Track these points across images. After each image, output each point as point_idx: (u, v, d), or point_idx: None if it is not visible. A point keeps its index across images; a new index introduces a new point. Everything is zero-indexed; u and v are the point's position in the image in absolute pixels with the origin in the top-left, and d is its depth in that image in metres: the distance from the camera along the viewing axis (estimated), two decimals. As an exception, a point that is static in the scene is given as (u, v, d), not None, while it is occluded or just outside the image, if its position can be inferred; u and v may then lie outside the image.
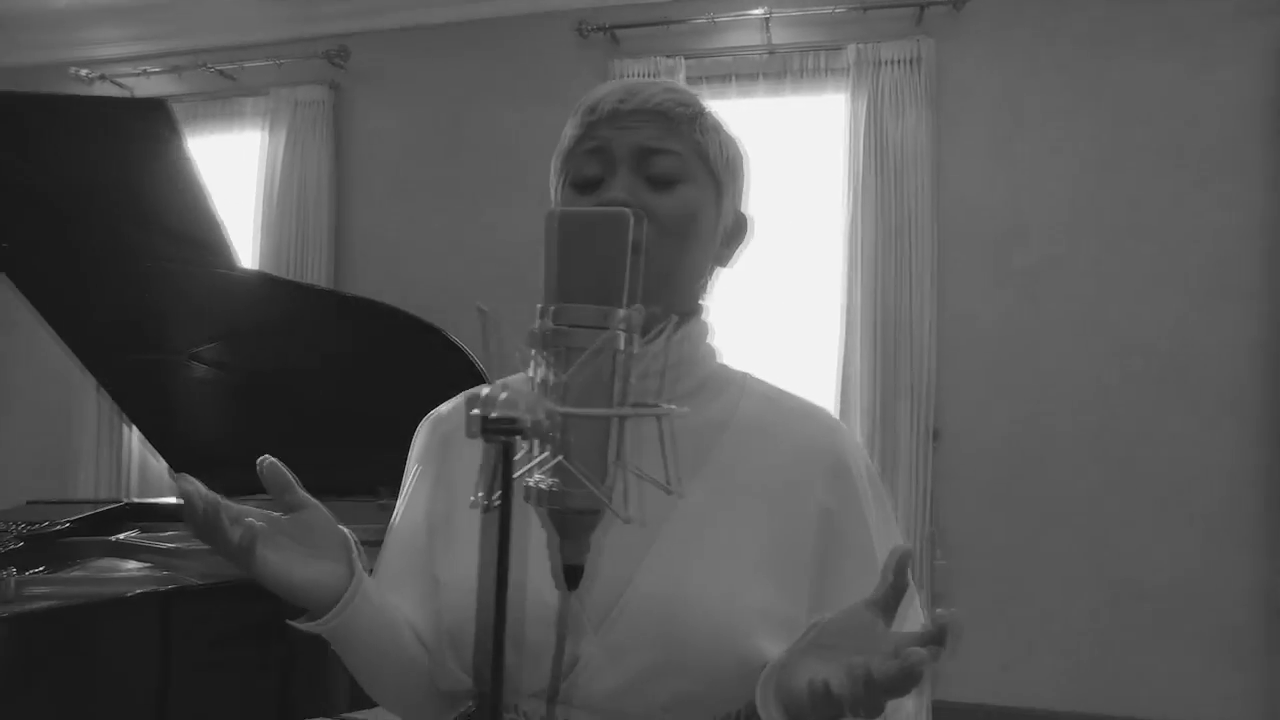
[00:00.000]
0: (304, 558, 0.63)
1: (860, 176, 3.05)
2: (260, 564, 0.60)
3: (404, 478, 0.80)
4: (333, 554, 0.65)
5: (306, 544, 0.64)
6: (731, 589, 0.65)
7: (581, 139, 0.72)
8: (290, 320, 2.01)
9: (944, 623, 0.52)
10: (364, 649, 0.69)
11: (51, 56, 4.02)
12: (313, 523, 0.65)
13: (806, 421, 0.74)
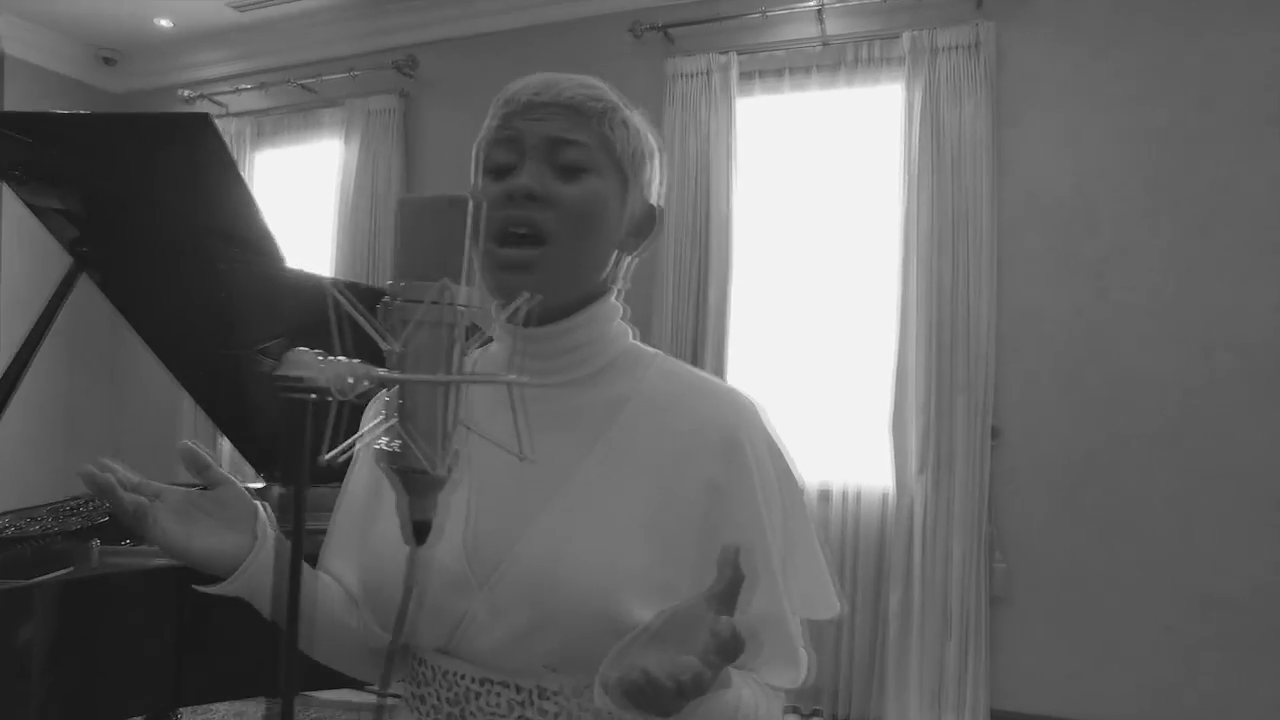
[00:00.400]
0: (212, 529, 0.70)
1: (916, 167, 2.97)
2: (156, 532, 0.68)
3: None
4: (242, 526, 0.72)
5: (218, 517, 0.71)
6: (608, 553, 0.68)
7: (498, 128, 0.75)
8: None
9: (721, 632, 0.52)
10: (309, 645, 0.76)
11: (163, 81, 4.40)
12: (225, 498, 0.72)
13: (705, 399, 0.75)
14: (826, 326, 3.19)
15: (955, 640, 2.88)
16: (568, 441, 0.73)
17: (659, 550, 0.68)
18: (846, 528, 3.09)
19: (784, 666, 0.73)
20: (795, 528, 0.76)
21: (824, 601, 0.79)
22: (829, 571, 0.80)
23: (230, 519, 0.72)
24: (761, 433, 0.75)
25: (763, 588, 0.70)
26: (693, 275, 3.26)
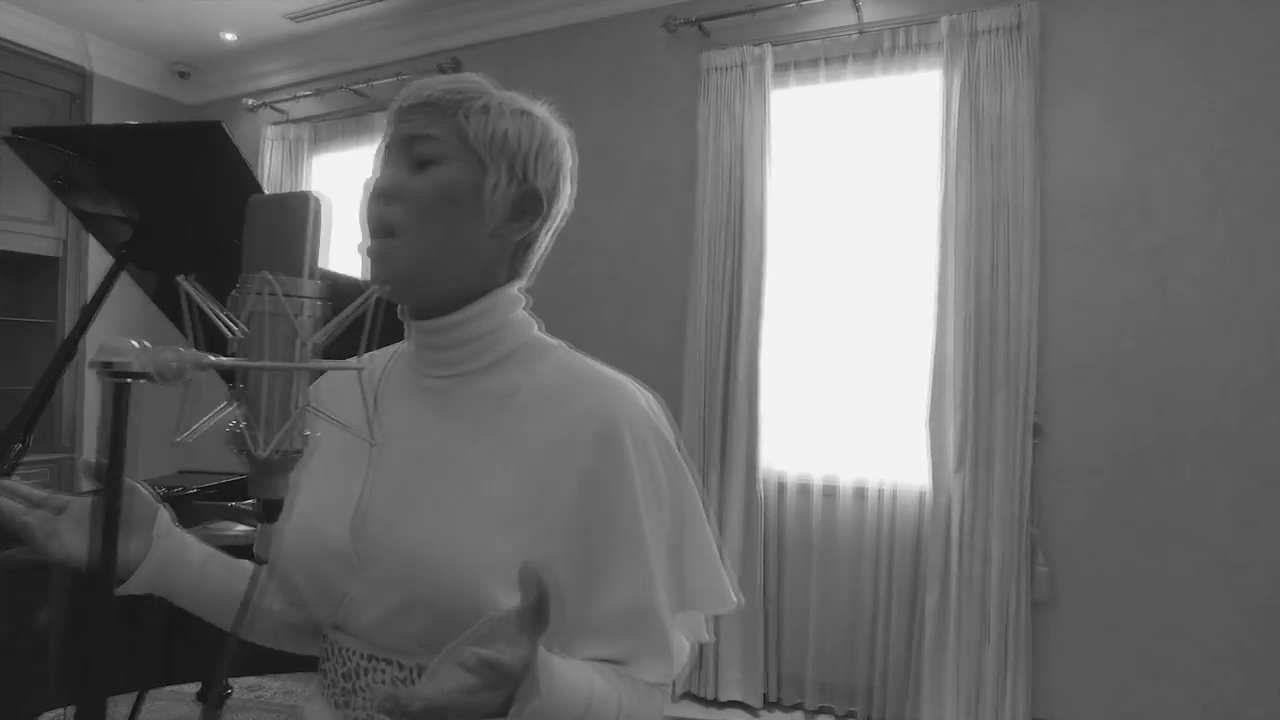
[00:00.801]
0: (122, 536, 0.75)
1: (954, 156, 2.87)
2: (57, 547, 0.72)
3: None
4: (142, 530, 0.76)
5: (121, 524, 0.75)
6: (478, 539, 0.69)
7: (383, 137, 0.79)
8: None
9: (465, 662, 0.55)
10: (196, 603, 0.80)
11: (231, 91, 4.64)
12: (126, 505, 0.74)
13: (590, 390, 0.76)
14: (862, 320, 3.13)
15: (994, 645, 2.78)
16: (457, 431, 0.75)
17: (530, 539, 0.69)
18: (882, 526, 3.02)
19: (654, 660, 0.72)
20: (687, 523, 0.76)
21: (719, 596, 0.78)
22: (724, 566, 0.79)
23: (130, 524, 0.75)
24: (648, 426, 0.75)
25: (630, 579, 0.71)
26: (726, 270, 3.24)
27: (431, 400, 0.78)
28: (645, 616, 0.72)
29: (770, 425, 3.24)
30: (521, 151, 0.77)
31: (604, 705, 0.68)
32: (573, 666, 0.67)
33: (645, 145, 3.54)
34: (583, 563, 0.71)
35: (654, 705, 0.74)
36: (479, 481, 0.72)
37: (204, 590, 0.80)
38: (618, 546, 0.71)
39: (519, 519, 0.70)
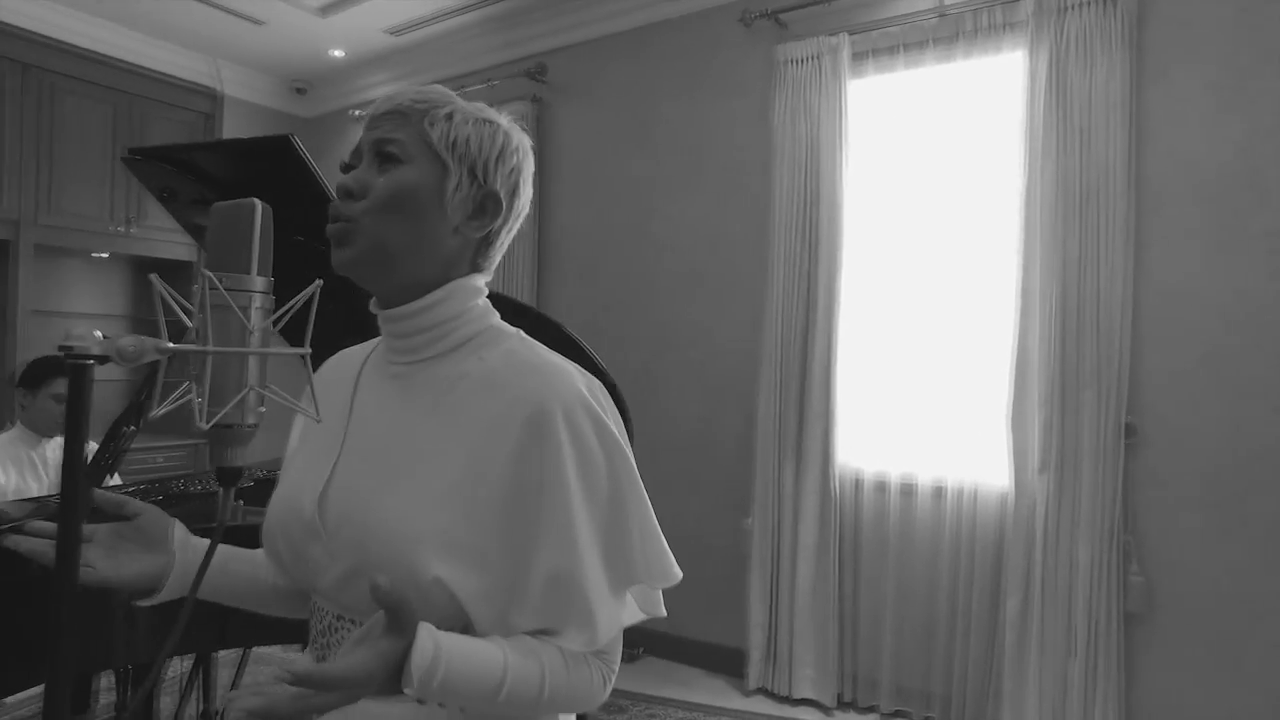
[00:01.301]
0: (136, 555, 0.82)
1: (1039, 140, 2.73)
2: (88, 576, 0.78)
3: None
4: (161, 545, 0.84)
5: (140, 541, 0.83)
6: (414, 512, 0.75)
7: (356, 143, 0.86)
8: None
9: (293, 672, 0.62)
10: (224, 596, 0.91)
11: (341, 104, 4.98)
12: (144, 524, 0.83)
13: (529, 376, 0.80)
14: (941, 314, 3.02)
15: (1081, 656, 2.63)
16: (413, 413, 0.82)
17: (462, 513, 0.75)
18: (961, 526, 2.91)
19: (578, 628, 0.76)
20: (626, 500, 0.79)
21: (661, 569, 0.81)
22: (664, 542, 0.82)
23: (151, 541, 0.84)
24: (582, 407, 0.78)
25: (554, 548, 0.75)
26: (802, 264, 3.20)
27: (396, 385, 0.85)
28: (569, 584, 0.75)
29: (846, 421, 3.18)
30: (483, 156, 0.83)
31: (522, 677, 0.73)
32: (481, 647, 0.72)
33: (721, 140, 3.55)
34: (511, 534, 0.75)
35: (585, 675, 0.78)
36: (424, 459, 0.78)
37: (228, 585, 0.91)
38: (543, 518, 0.75)
39: (452, 495, 0.76)
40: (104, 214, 4.33)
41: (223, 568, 0.91)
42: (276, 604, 0.94)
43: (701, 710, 3.09)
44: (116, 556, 0.82)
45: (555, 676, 0.75)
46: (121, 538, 0.83)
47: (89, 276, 4.62)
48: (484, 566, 0.75)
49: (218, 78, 4.76)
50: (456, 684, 0.70)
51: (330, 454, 0.84)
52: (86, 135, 4.25)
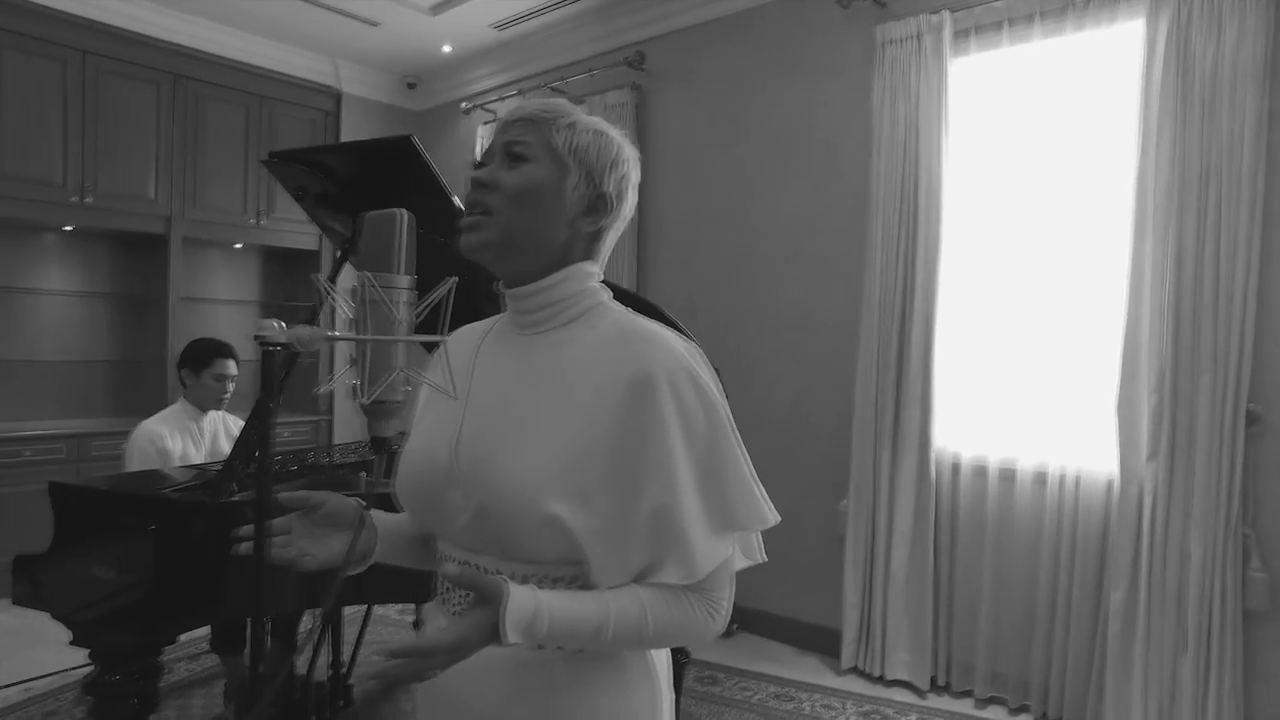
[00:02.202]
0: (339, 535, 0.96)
1: (1156, 115, 2.61)
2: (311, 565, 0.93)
3: None
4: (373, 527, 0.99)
5: (336, 524, 0.96)
6: (535, 459, 0.86)
7: (487, 144, 0.99)
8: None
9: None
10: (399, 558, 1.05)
11: (450, 97, 5.22)
12: (331, 511, 0.96)
13: (633, 342, 0.90)
14: (1045, 296, 2.94)
15: (1192, 653, 2.55)
16: (529, 376, 0.93)
17: (574, 460, 0.86)
18: (1064, 513, 2.85)
19: (676, 562, 0.85)
20: (722, 451, 0.88)
21: (758, 514, 0.90)
22: (758, 488, 0.91)
23: (344, 521, 0.97)
24: (682, 371, 0.88)
25: (655, 487, 0.85)
26: (901, 247, 3.18)
27: (515, 353, 0.97)
28: (668, 518, 0.84)
29: (945, 405, 3.16)
30: (599, 162, 0.95)
31: (625, 615, 0.84)
32: (582, 600, 0.84)
33: (819, 124, 3.54)
34: (618, 478, 0.86)
35: (686, 609, 0.87)
36: (542, 414, 0.89)
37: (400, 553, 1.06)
38: (645, 463, 0.85)
39: (570, 444, 0.87)
40: (239, 208, 4.72)
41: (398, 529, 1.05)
42: (414, 553, 1.07)
43: (794, 686, 3.15)
44: (323, 541, 0.96)
45: (657, 612, 0.85)
46: (317, 525, 0.97)
47: (227, 266, 5.04)
48: (594, 507, 0.85)
49: (337, 77, 5.08)
50: (562, 629, 0.81)
51: (457, 412, 0.96)
52: (224, 136, 4.64)
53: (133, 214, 4.30)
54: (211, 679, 3.08)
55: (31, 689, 2.94)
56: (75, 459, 4.07)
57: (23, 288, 4.25)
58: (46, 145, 3.99)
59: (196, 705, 2.86)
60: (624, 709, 0.91)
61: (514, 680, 0.90)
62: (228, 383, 2.92)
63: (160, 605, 1.89)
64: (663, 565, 0.86)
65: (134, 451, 2.74)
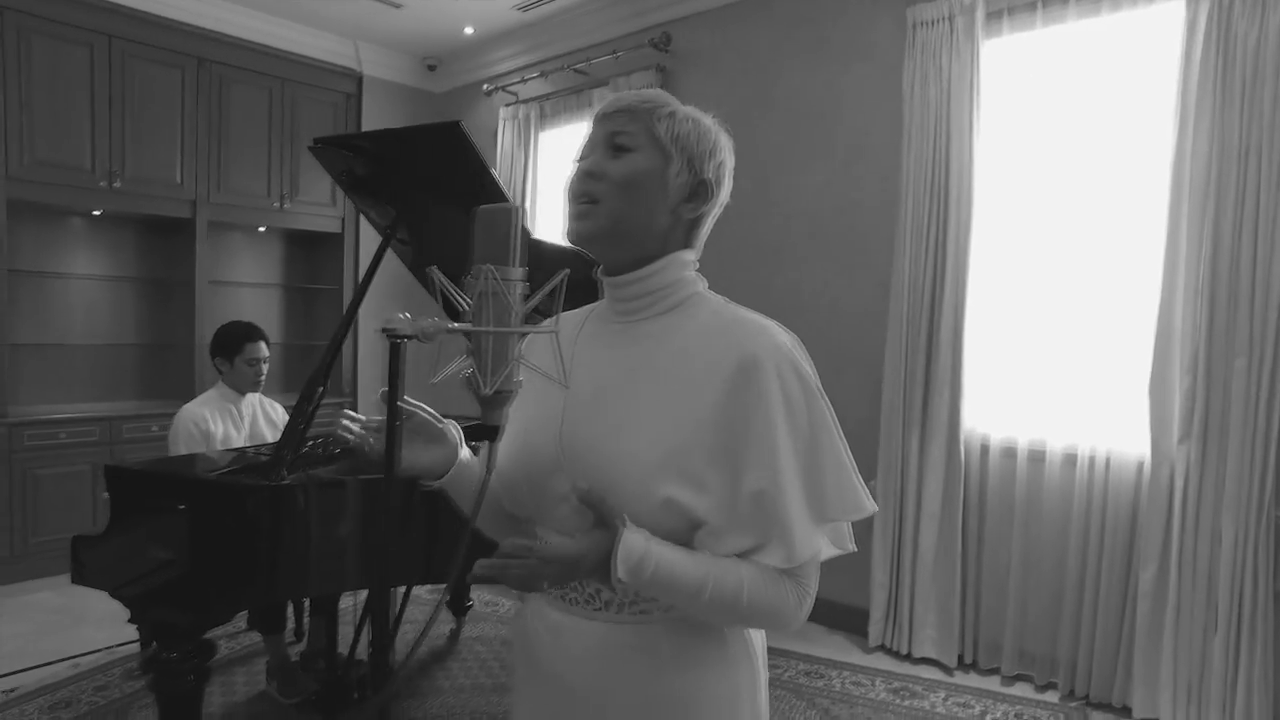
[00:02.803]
0: (425, 447, 1.00)
1: (1194, 97, 2.60)
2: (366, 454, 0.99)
3: None
4: (442, 441, 1.01)
5: (424, 436, 1.01)
6: (646, 444, 0.89)
7: (587, 134, 1.00)
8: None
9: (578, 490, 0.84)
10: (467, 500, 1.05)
11: (471, 79, 5.21)
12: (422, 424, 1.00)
13: (737, 329, 0.92)
14: (1077, 279, 2.95)
15: (1223, 633, 2.58)
16: (634, 362, 0.96)
17: (683, 444, 0.88)
18: (1094, 494, 2.88)
19: (776, 545, 0.88)
20: (821, 440, 0.91)
21: (855, 503, 0.92)
22: (857, 478, 0.93)
23: (430, 436, 1.02)
24: (784, 356, 0.91)
25: (758, 469, 0.87)
26: (931, 230, 3.18)
27: (615, 339, 0.99)
28: (771, 502, 0.86)
29: (974, 387, 3.18)
30: (699, 150, 0.97)
31: (724, 582, 0.86)
32: (689, 555, 0.86)
33: (848, 107, 3.54)
34: (724, 461, 0.88)
35: (781, 592, 0.89)
36: (648, 400, 0.92)
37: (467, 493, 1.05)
38: (750, 447, 0.87)
39: (678, 429, 0.89)
40: (263, 191, 4.74)
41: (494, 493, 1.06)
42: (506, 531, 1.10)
43: (823, 664, 3.21)
44: (409, 447, 1.00)
45: (754, 588, 0.88)
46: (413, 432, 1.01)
47: (250, 249, 5.07)
48: (703, 489, 0.87)
49: (358, 59, 5.07)
50: (664, 579, 0.84)
51: (558, 400, 0.98)
52: (248, 120, 4.65)
53: (160, 198, 4.33)
54: (251, 657, 3.14)
55: (80, 664, 3.01)
56: (108, 441, 4.13)
57: (53, 272, 4.29)
58: (75, 130, 4.01)
59: (239, 683, 2.93)
60: (728, 687, 0.94)
61: (619, 660, 0.92)
62: (260, 365, 2.96)
63: (215, 585, 1.94)
64: (764, 547, 0.89)
65: (180, 434, 2.79)
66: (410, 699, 2.82)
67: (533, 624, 1.02)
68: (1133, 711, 2.75)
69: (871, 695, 2.95)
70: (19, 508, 3.89)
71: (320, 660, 2.92)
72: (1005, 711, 2.83)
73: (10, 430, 3.86)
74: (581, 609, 0.96)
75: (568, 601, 0.97)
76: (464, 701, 2.82)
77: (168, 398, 4.60)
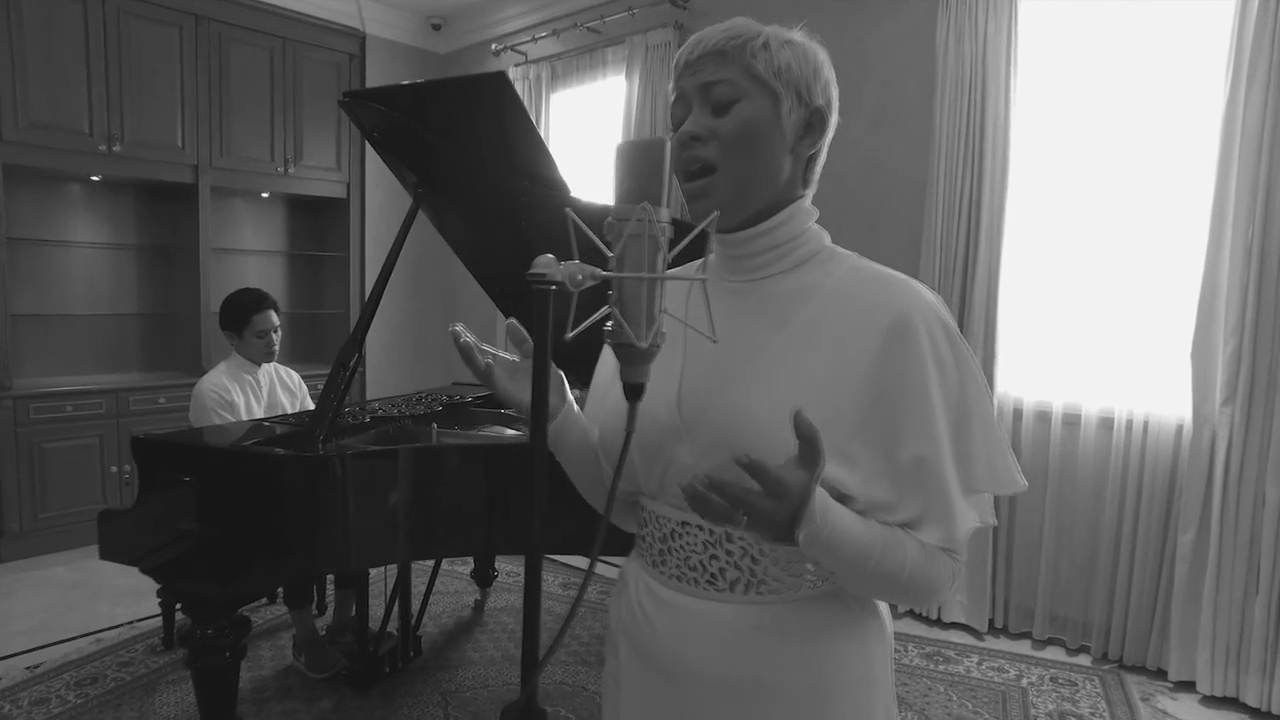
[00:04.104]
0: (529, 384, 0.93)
1: (1249, 52, 2.52)
2: (499, 386, 0.94)
3: None
4: (554, 388, 0.94)
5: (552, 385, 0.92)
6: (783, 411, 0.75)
7: (671, 91, 0.89)
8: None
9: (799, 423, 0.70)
10: (571, 455, 0.99)
11: (478, 38, 5.05)
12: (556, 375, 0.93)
13: (880, 287, 0.84)
14: (1117, 241, 2.89)
15: (1264, 596, 2.57)
16: (766, 323, 0.86)
17: (830, 410, 0.79)
18: (1130, 457, 2.85)
19: (937, 522, 0.81)
20: (972, 406, 0.83)
21: (1005, 477, 0.85)
22: (1008, 448, 0.85)
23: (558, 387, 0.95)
24: (937, 319, 0.82)
25: (917, 436, 0.80)
26: (965, 189, 3.11)
27: (734, 300, 0.89)
28: (930, 472, 0.79)
29: (1008, 350, 3.13)
30: (804, 77, 0.85)
31: (891, 552, 0.79)
32: (860, 519, 0.78)
33: (878, 63, 3.44)
34: (876, 430, 0.80)
35: (939, 567, 0.82)
36: (786, 364, 0.83)
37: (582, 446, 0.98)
38: (905, 414, 0.80)
39: (820, 394, 0.80)
40: (266, 156, 4.60)
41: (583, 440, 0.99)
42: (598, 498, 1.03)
43: (853, 630, 3.19)
44: (518, 382, 0.95)
45: (916, 561, 0.81)
46: (518, 370, 0.96)
47: (253, 215, 4.93)
48: (850, 462, 0.80)
49: (360, 18, 4.90)
50: (838, 541, 0.75)
51: (672, 364, 0.89)
52: (249, 81, 4.49)
53: (161, 163, 4.18)
54: (275, 630, 3.09)
55: (102, 640, 2.95)
56: (115, 414, 4.03)
57: (52, 240, 4.15)
58: (72, 92, 3.85)
59: (265, 657, 2.88)
60: (862, 664, 0.88)
61: (749, 643, 0.86)
62: (271, 335, 2.85)
63: (252, 558, 1.88)
64: (922, 523, 0.82)
65: (206, 404, 2.70)
66: (440, 671, 2.78)
67: (641, 606, 0.93)
68: (1168, 674, 2.75)
69: (905, 661, 2.93)
70: (27, 483, 3.80)
71: (348, 634, 2.87)
72: (1040, 675, 2.82)
73: (15, 403, 3.75)
74: (703, 589, 0.88)
75: (686, 581, 0.89)
76: (496, 673, 2.78)
77: (174, 369, 4.50)
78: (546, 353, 0.70)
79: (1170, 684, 2.74)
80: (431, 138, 2.10)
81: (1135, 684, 2.77)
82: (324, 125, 4.81)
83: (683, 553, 0.89)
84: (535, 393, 0.70)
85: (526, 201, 2.26)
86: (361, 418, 2.46)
